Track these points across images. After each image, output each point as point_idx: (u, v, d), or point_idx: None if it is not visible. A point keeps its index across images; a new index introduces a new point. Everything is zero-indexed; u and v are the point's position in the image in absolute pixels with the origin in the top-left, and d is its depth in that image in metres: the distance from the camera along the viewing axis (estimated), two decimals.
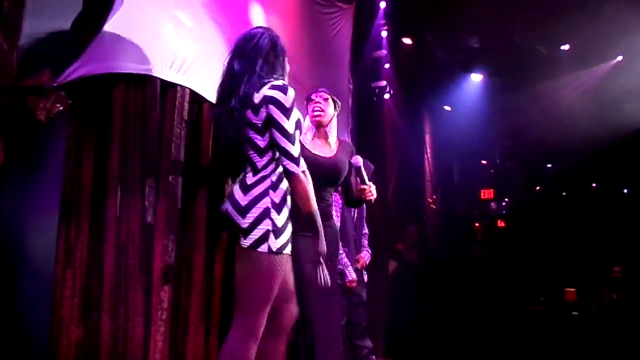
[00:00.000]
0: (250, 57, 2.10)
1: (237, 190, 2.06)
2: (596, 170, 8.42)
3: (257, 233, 1.97)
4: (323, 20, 4.57)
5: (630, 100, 6.15)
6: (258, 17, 3.60)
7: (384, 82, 5.82)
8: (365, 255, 3.98)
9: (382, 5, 5.66)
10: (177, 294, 2.78)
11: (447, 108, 7.77)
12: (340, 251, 3.55)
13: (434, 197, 7.52)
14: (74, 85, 2.21)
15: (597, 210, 8.04)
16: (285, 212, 2.06)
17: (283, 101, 1.98)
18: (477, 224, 8.70)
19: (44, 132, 2.17)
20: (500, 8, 5.67)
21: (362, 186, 2.76)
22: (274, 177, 2.06)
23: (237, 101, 2.00)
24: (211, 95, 2.94)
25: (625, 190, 8.47)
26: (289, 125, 1.99)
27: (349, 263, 3.74)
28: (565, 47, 6.28)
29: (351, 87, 4.91)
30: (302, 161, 2.05)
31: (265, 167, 2.06)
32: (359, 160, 2.84)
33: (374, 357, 3.91)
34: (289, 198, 2.09)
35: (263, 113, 1.99)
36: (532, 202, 8.91)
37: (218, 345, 3.01)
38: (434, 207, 7.57)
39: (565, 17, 5.23)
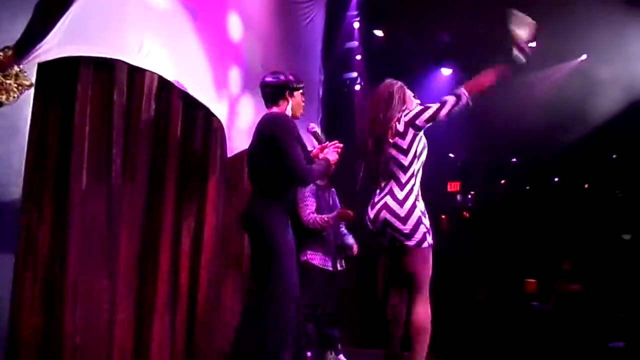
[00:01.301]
0: None
1: (391, 202, 2.59)
2: (559, 166, 8.64)
3: (417, 236, 2.54)
4: (296, 9, 4.55)
5: (592, 98, 6.33)
6: (230, 3, 3.56)
7: (355, 74, 5.83)
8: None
9: None
10: (142, 282, 2.76)
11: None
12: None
13: None
14: (38, 67, 2.15)
15: (558, 204, 8.27)
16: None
17: None
18: (443, 217, 8.82)
19: (6, 114, 2.10)
20: (471, 2, 5.73)
21: (323, 145, 2.95)
22: (415, 190, 2.63)
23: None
24: (180, 81, 2.91)
25: (586, 185, 8.73)
26: None
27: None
28: (533, 44, 6.39)
29: (322, 77, 4.91)
30: None
31: (408, 182, 2.61)
32: (314, 125, 3.02)
33: (340, 345, 3.96)
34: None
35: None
36: (497, 195, 9.09)
37: (186, 334, 3.01)
38: None
39: (532, 14, 5.33)
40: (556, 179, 9.24)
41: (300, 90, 2.88)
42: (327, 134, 4.70)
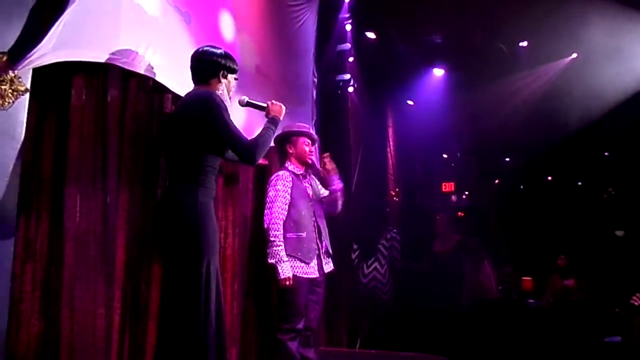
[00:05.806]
0: None
1: None
2: (552, 164, 8.71)
3: None
4: (288, 12, 4.57)
5: (583, 96, 6.37)
6: (223, 6, 3.58)
7: (348, 75, 5.85)
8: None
9: None
10: (137, 287, 2.75)
11: (410, 102, 7.88)
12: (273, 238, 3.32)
13: (397, 189, 7.63)
14: (33, 72, 2.15)
15: (552, 201, 8.33)
16: None
17: None
18: (438, 217, 8.86)
19: (1, 120, 2.10)
20: (461, 3, 5.77)
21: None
22: None
23: None
24: (173, 85, 2.91)
25: (580, 183, 8.80)
26: None
27: (285, 258, 3.30)
28: (524, 43, 6.45)
29: (315, 80, 4.93)
30: None
31: None
32: (244, 97, 2.89)
33: None
34: None
35: None
36: (491, 195, 9.14)
37: None
38: (397, 199, 7.69)
39: (523, 14, 5.38)
40: (549, 178, 9.31)
41: (235, 75, 2.68)
42: (321, 135, 4.73)
